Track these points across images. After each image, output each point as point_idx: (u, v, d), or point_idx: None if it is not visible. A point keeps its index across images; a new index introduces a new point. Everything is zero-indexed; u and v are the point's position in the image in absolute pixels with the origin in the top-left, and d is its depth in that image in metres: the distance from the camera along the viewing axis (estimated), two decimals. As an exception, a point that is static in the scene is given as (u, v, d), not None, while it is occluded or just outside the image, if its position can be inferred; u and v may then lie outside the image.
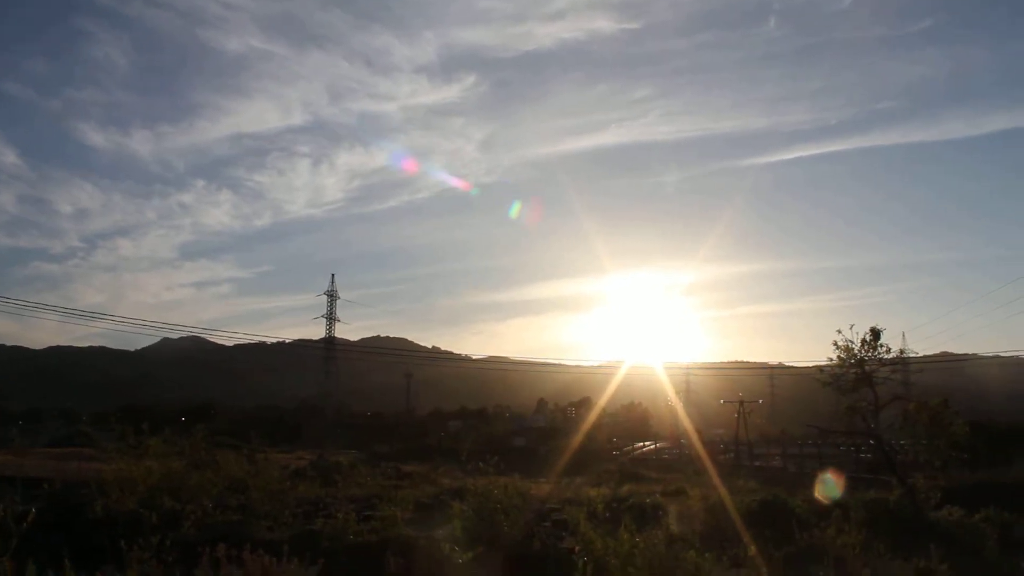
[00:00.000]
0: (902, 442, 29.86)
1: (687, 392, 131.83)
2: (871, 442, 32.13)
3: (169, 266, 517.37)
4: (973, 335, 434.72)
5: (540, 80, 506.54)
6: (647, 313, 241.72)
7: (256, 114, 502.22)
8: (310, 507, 22.27)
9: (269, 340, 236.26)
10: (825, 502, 26.00)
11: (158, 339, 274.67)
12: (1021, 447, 51.68)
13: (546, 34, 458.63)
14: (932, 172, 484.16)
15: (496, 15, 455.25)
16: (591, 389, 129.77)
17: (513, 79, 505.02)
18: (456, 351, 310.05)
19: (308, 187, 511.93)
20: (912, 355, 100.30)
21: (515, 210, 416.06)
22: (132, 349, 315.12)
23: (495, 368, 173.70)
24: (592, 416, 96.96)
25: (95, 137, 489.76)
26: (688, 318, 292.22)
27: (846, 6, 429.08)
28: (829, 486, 28.41)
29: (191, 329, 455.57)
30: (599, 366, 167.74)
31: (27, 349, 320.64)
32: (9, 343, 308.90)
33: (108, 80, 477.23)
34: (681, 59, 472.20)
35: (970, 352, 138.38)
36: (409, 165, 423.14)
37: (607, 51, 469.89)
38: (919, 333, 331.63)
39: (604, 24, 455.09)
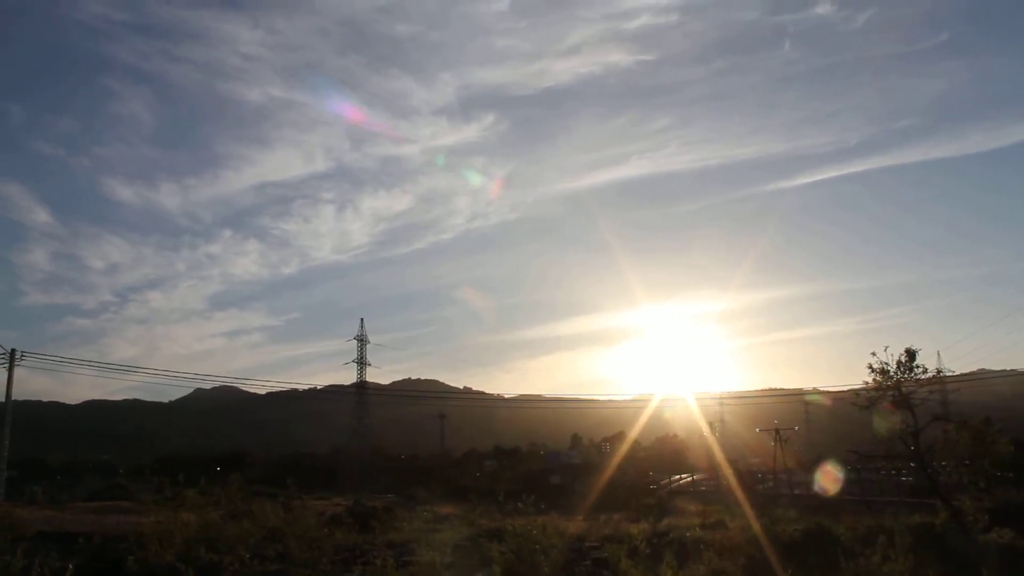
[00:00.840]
0: (944, 464, 29.32)
1: (721, 422, 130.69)
2: (912, 465, 31.60)
3: (200, 317, 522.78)
4: (1010, 351, 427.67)
5: (559, 116, 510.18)
6: (678, 344, 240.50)
7: (279, 163, 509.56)
8: (348, 554, 22.15)
9: (301, 387, 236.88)
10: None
11: (191, 390, 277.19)
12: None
13: (563, 70, 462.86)
14: (956, 187, 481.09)
15: (513, 53, 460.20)
16: (625, 423, 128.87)
17: (532, 116, 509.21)
18: (488, 390, 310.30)
19: (333, 233, 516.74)
20: (949, 373, 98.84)
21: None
22: (166, 401, 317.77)
23: (528, 406, 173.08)
24: (626, 450, 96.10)
25: (123, 192, 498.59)
26: (719, 347, 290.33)
27: (860, 25, 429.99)
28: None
29: (223, 379, 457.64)
30: (632, 400, 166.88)
31: (64, 404, 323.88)
32: (46, 399, 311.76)
33: (133, 136, 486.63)
34: (698, 88, 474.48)
35: (1007, 368, 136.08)
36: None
37: (624, 84, 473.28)
38: (953, 351, 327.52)
39: (620, 57, 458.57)
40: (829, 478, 26.82)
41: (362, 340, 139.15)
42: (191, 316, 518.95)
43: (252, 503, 26.73)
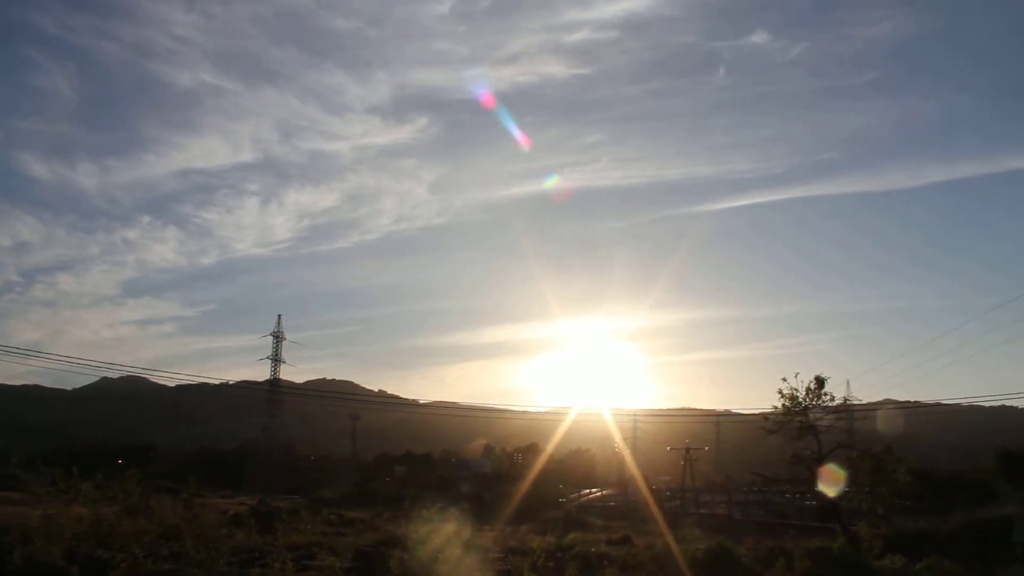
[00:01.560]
0: (846, 489, 30.03)
1: (634, 439, 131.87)
2: (815, 490, 32.28)
3: (111, 303, 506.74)
4: (914, 384, 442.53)
5: (492, 123, 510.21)
6: (595, 359, 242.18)
7: (205, 150, 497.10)
8: (247, 555, 21.64)
9: (213, 381, 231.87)
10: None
11: (97, 378, 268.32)
12: (962, 495, 52.32)
13: (499, 77, 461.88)
14: (873, 222, 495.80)
15: (450, 57, 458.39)
16: (538, 435, 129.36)
17: (465, 122, 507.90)
18: (403, 395, 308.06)
19: (256, 226, 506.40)
20: (856, 402, 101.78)
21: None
22: (69, 388, 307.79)
23: (442, 413, 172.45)
24: (538, 462, 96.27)
25: (38, 168, 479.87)
26: (635, 364, 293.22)
27: (793, 57, 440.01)
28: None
29: (132, 368, 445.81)
30: (547, 412, 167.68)
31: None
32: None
33: (54, 110, 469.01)
34: (631, 106, 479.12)
35: (912, 400, 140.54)
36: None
37: (559, 96, 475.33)
38: (862, 380, 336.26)
39: (557, 69, 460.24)
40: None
41: (278, 336, 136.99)
42: (102, 302, 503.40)
43: (151, 499, 25.94)
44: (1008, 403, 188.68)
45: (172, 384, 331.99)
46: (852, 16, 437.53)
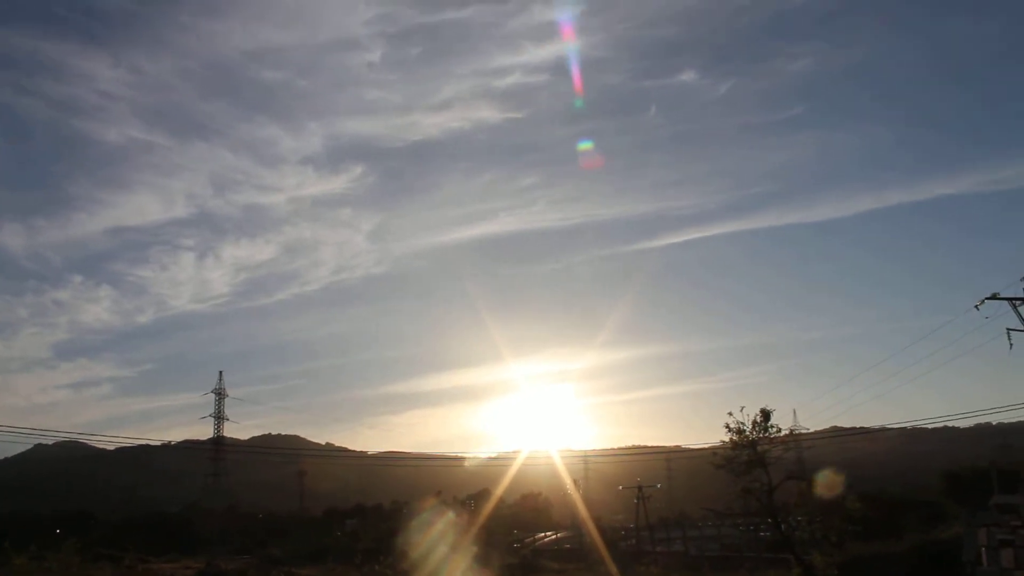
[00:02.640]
0: (799, 519, 30.16)
1: (586, 479, 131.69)
2: (769, 521, 32.37)
3: (43, 366, 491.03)
4: (858, 409, 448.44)
5: (428, 170, 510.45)
6: (542, 401, 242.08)
7: (137, 206, 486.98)
8: (193, 621, 20.95)
9: (154, 443, 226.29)
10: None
11: (31, 445, 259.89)
12: (912, 517, 52.95)
13: (432, 124, 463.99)
14: (808, 251, 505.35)
15: (382, 105, 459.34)
16: (489, 480, 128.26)
17: (401, 169, 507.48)
18: (351, 447, 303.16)
19: (193, 281, 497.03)
20: (803, 431, 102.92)
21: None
22: (1, 457, 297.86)
23: (391, 464, 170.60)
24: (490, 508, 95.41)
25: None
26: (583, 405, 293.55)
27: (722, 93, 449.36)
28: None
29: (68, 433, 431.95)
30: (496, 456, 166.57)
31: None
32: None
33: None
34: (565, 147, 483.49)
35: (858, 425, 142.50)
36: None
37: (493, 140, 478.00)
38: (809, 409, 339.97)
39: (489, 114, 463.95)
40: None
41: (220, 393, 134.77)
42: (33, 366, 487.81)
43: (91, 569, 25.08)
44: (950, 424, 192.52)
45: (111, 447, 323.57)
46: (774, 51, 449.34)
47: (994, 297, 39.36)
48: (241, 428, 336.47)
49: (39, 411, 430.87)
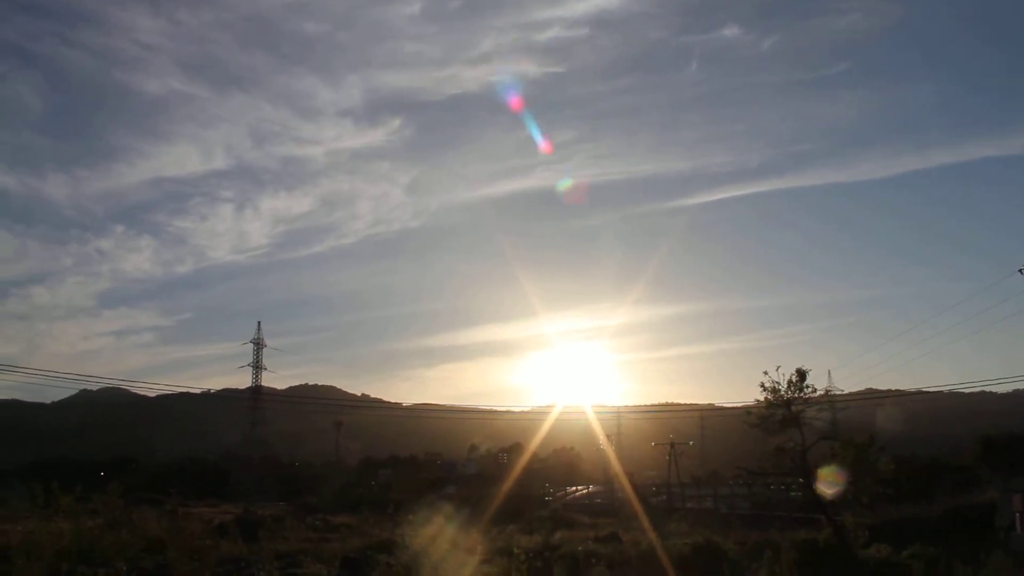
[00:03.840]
0: (842, 487, 30.16)
1: (619, 435, 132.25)
2: (800, 481, 32.37)
3: (87, 315, 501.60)
4: (894, 373, 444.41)
5: (466, 123, 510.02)
6: (577, 357, 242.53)
7: (177, 158, 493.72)
8: (232, 566, 21.45)
9: (194, 390, 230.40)
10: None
11: (75, 391, 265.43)
12: (945, 482, 52.73)
13: (471, 78, 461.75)
14: (850, 213, 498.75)
15: (422, 59, 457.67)
16: (522, 434, 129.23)
17: (439, 122, 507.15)
18: (386, 398, 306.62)
19: (231, 232, 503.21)
20: (838, 392, 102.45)
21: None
22: (47, 402, 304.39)
23: (426, 416, 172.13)
24: (523, 462, 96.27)
25: (6, 180, 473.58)
26: (618, 361, 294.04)
27: (765, 50, 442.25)
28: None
29: (110, 380, 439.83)
30: (530, 411, 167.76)
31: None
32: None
33: (19, 121, 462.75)
34: (605, 103, 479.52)
35: (893, 388, 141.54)
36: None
37: (532, 94, 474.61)
38: (844, 371, 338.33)
39: (529, 68, 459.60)
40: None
41: (258, 343, 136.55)
42: (77, 314, 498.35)
43: (134, 511, 25.72)
44: (987, 389, 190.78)
45: (153, 394, 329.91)
46: (821, 7, 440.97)
47: (1037, 261, 38.84)
48: (279, 378, 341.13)
49: (83, 358, 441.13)
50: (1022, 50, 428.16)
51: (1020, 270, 38.65)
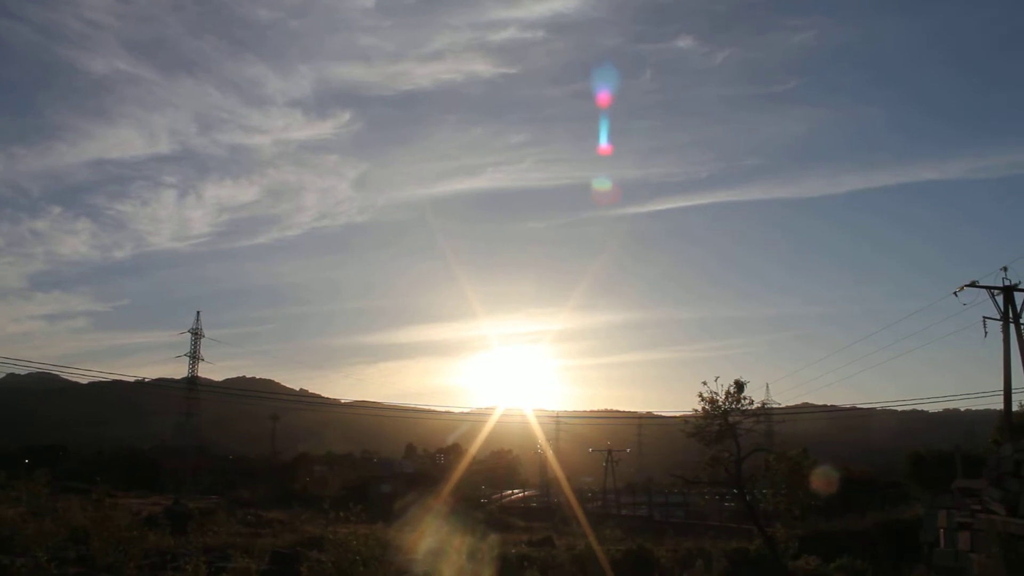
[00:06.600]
0: (764, 491, 30.49)
1: (557, 440, 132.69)
2: (734, 492, 32.71)
3: (18, 296, 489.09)
4: (831, 388, 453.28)
5: (416, 120, 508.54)
6: (517, 360, 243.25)
7: (120, 140, 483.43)
8: (159, 558, 21.01)
9: (128, 379, 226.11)
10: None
11: (3, 375, 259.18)
12: (875, 496, 53.71)
13: (424, 74, 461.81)
14: (794, 228, 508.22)
15: (374, 52, 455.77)
16: (460, 435, 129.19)
17: (389, 118, 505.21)
18: (324, 394, 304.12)
19: (173, 219, 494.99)
20: (775, 405, 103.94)
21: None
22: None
23: (364, 413, 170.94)
24: (461, 463, 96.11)
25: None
26: (558, 366, 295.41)
27: (718, 63, 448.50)
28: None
29: (40, 365, 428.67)
30: (469, 412, 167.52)
31: None
32: None
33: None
34: (556, 107, 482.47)
35: (829, 403, 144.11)
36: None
37: (484, 95, 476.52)
38: (783, 384, 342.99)
39: (482, 67, 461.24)
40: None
41: (196, 333, 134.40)
42: (8, 295, 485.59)
43: (59, 500, 25.10)
44: (919, 407, 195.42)
45: (85, 381, 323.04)
46: (775, 24, 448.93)
47: (973, 285, 39.85)
48: (216, 369, 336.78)
49: (12, 341, 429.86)
50: (965, 76, 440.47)
51: (955, 292, 39.48)
